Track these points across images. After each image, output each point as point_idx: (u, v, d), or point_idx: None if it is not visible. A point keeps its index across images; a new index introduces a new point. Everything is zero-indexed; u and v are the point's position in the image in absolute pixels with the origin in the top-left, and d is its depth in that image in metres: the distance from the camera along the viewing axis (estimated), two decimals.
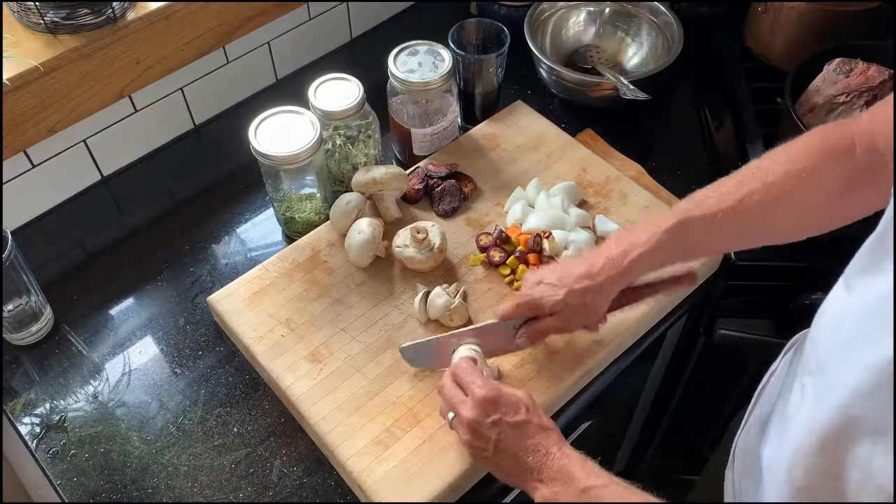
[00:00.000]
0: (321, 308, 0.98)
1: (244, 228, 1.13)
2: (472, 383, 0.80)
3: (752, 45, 1.29)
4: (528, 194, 1.08)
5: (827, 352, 0.65)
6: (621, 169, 1.15)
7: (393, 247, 1.01)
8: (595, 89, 1.20)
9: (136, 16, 1.03)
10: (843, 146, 0.75)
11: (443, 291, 0.96)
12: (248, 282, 1.01)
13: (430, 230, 1.00)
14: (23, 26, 1.00)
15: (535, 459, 0.75)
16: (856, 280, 0.63)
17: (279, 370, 0.93)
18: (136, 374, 0.98)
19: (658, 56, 1.26)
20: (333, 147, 1.07)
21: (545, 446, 0.75)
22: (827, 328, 0.67)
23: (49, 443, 0.93)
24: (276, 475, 0.90)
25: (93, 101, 1.05)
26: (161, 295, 1.06)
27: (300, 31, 1.28)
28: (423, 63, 1.08)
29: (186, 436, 0.93)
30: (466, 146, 1.16)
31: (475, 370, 0.82)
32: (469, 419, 0.78)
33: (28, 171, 1.08)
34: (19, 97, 0.97)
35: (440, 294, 0.95)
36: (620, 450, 1.53)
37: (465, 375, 0.81)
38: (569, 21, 1.32)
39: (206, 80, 1.21)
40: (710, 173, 1.19)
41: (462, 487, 0.88)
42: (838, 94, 1.07)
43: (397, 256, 1.00)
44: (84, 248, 1.12)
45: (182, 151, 1.23)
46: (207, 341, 1.01)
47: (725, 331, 1.18)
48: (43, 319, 1.01)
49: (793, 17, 1.20)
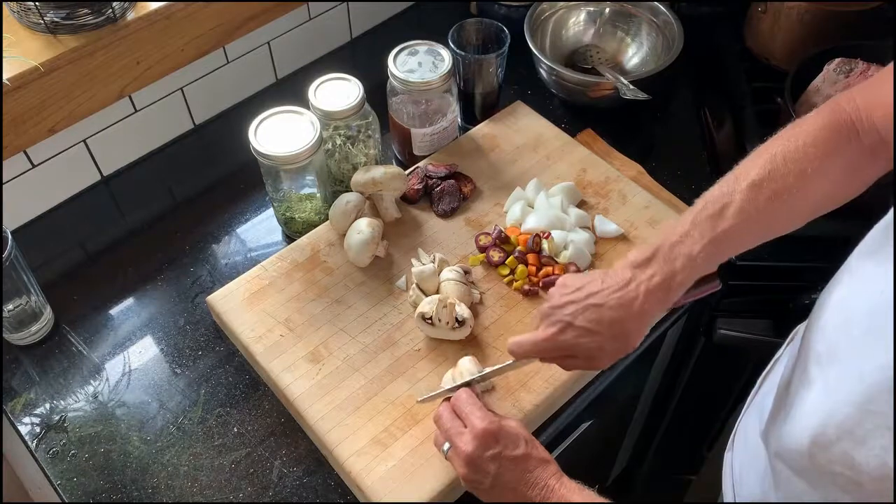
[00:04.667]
0: (320, 308, 0.98)
1: (244, 228, 1.14)
2: (471, 415, 0.78)
3: (752, 45, 1.29)
4: (528, 194, 1.08)
5: (837, 339, 0.65)
6: (621, 169, 1.15)
7: (416, 318, 0.94)
8: (595, 89, 1.20)
9: (136, 16, 1.03)
10: (848, 133, 0.75)
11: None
12: (248, 282, 1.01)
13: (458, 307, 0.93)
14: (23, 26, 1.00)
15: (534, 493, 0.74)
16: (859, 263, 0.64)
17: (278, 370, 0.93)
18: (136, 374, 0.99)
19: (658, 56, 1.25)
20: (333, 147, 1.07)
21: (544, 479, 0.75)
22: (834, 314, 0.67)
23: (49, 443, 0.93)
24: (276, 475, 0.90)
25: (93, 101, 1.05)
26: (161, 295, 1.06)
27: (300, 31, 1.28)
28: (422, 63, 1.08)
29: (186, 436, 0.93)
30: (466, 146, 1.16)
31: (475, 401, 0.80)
32: (468, 453, 0.76)
33: (28, 171, 1.08)
34: (19, 97, 0.97)
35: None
36: (620, 450, 1.53)
37: (464, 406, 0.80)
38: (569, 21, 1.32)
39: (206, 80, 1.21)
40: (710, 173, 1.19)
41: (461, 487, 0.87)
42: (838, 94, 1.07)
43: (421, 329, 0.95)
44: (84, 248, 1.13)
45: (182, 151, 1.23)
46: (207, 341, 1.01)
47: (725, 331, 1.18)
48: (43, 319, 1.01)
49: (793, 17, 1.20)
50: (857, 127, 0.74)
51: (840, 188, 0.77)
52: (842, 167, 0.75)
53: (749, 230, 0.77)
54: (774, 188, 0.75)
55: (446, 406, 0.82)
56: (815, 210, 0.79)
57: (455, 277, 0.97)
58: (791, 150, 0.76)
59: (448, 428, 0.79)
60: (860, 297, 0.64)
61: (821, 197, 0.78)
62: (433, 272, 0.98)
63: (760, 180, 0.76)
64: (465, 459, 0.77)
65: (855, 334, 0.63)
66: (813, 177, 0.75)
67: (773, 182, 0.75)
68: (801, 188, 0.75)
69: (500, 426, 0.77)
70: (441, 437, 0.81)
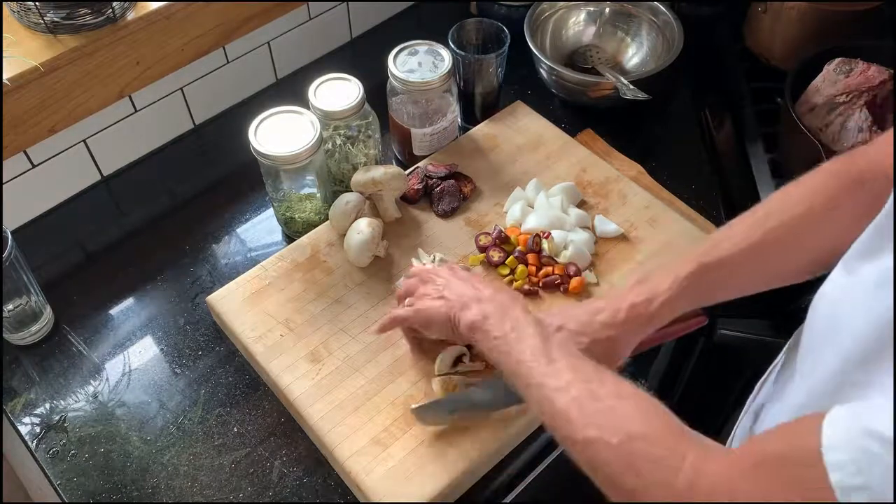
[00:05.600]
0: (320, 308, 0.98)
1: (244, 228, 1.14)
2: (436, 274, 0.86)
3: (752, 45, 1.29)
4: (528, 194, 1.08)
5: (822, 332, 0.66)
6: (621, 169, 1.15)
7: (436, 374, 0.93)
8: (595, 89, 1.20)
9: (136, 16, 1.03)
10: (857, 178, 0.75)
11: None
12: (247, 282, 1.01)
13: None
14: (23, 26, 1.00)
15: (490, 290, 0.81)
16: (853, 265, 0.64)
17: (278, 370, 0.93)
18: (136, 374, 0.99)
19: (658, 56, 1.25)
20: (333, 147, 1.07)
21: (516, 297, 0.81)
22: (823, 312, 0.67)
23: (49, 443, 0.93)
24: (276, 475, 0.90)
25: (93, 101, 1.05)
26: (161, 295, 1.06)
27: (300, 31, 1.28)
28: (422, 63, 1.08)
29: (186, 436, 0.93)
30: (466, 146, 1.16)
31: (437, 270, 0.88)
32: (426, 276, 0.86)
33: (28, 171, 1.08)
34: (19, 97, 0.97)
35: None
36: None
37: (426, 273, 0.87)
38: (569, 21, 1.32)
39: (206, 80, 1.21)
40: (710, 173, 1.19)
41: (461, 487, 0.88)
42: (838, 93, 1.07)
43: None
44: (84, 248, 1.13)
45: (182, 151, 1.23)
46: (207, 341, 1.01)
47: (725, 331, 1.18)
48: (43, 319, 1.01)
49: (793, 17, 1.20)
50: (863, 177, 0.74)
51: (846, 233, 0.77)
52: (848, 213, 0.74)
53: (744, 263, 0.77)
54: (773, 223, 0.76)
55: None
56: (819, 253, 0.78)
57: None
58: (794, 191, 0.78)
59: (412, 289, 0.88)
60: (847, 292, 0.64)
61: (825, 240, 0.77)
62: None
63: (764, 213, 0.78)
64: (418, 275, 0.87)
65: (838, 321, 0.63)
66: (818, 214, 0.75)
67: (771, 219, 0.77)
68: (803, 227, 0.75)
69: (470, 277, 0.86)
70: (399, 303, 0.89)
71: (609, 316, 0.81)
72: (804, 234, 0.76)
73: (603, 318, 0.81)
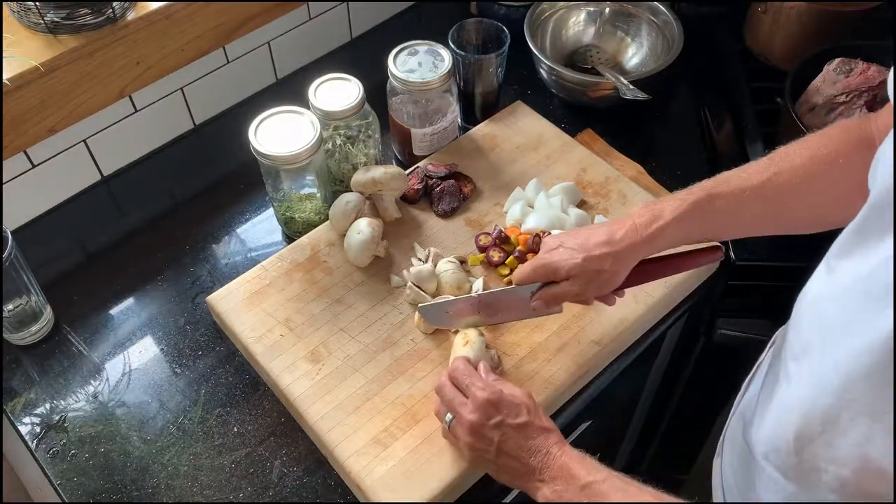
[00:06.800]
0: (320, 308, 0.98)
1: (244, 228, 1.14)
2: (472, 385, 0.79)
3: (752, 45, 1.29)
4: (528, 194, 1.08)
5: (810, 335, 0.66)
6: (621, 169, 1.15)
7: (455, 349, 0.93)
8: (595, 89, 1.20)
9: (136, 16, 1.03)
10: (866, 137, 0.76)
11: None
12: (248, 282, 1.01)
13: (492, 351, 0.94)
14: (23, 26, 1.00)
15: (536, 460, 0.75)
16: (836, 263, 0.64)
17: (278, 370, 0.93)
18: (136, 374, 0.99)
19: (658, 56, 1.25)
20: (333, 147, 1.07)
21: (546, 447, 0.75)
22: (808, 312, 0.68)
23: (49, 443, 0.93)
24: (276, 475, 0.90)
25: (93, 101, 1.05)
26: (161, 295, 1.06)
27: (300, 31, 1.28)
28: (422, 63, 1.08)
29: (186, 436, 0.93)
30: (466, 146, 1.16)
31: (474, 371, 0.82)
32: (471, 422, 0.77)
33: (28, 171, 1.08)
34: (19, 97, 0.97)
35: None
36: (620, 450, 1.53)
37: (464, 378, 0.81)
38: (569, 21, 1.32)
39: (206, 80, 1.21)
40: (710, 173, 1.18)
41: (461, 487, 0.88)
42: (838, 93, 1.07)
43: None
44: (84, 248, 1.13)
45: (182, 151, 1.23)
46: (207, 341, 1.01)
47: (725, 331, 1.18)
48: (43, 319, 1.01)
49: (793, 17, 1.20)
50: (870, 137, 0.76)
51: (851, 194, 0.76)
52: (855, 168, 0.74)
53: (750, 200, 0.79)
54: (784, 167, 0.79)
55: (446, 377, 0.83)
56: (821, 209, 0.80)
57: (452, 268, 0.98)
58: (806, 139, 0.80)
59: (450, 399, 0.81)
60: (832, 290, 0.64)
61: (829, 197, 0.79)
62: (431, 273, 0.98)
63: (770, 160, 0.80)
64: (468, 429, 0.78)
65: (826, 324, 0.64)
66: (824, 162, 0.77)
67: (783, 162, 0.79)
68: (812, 172, 0.77)
69: (502, 395, 0.78)
70: (443, 409, 0.82)
71: (607, 233, 0.82)
72: (810, 179, 0.78)
73: (600, 236, 0.83)
